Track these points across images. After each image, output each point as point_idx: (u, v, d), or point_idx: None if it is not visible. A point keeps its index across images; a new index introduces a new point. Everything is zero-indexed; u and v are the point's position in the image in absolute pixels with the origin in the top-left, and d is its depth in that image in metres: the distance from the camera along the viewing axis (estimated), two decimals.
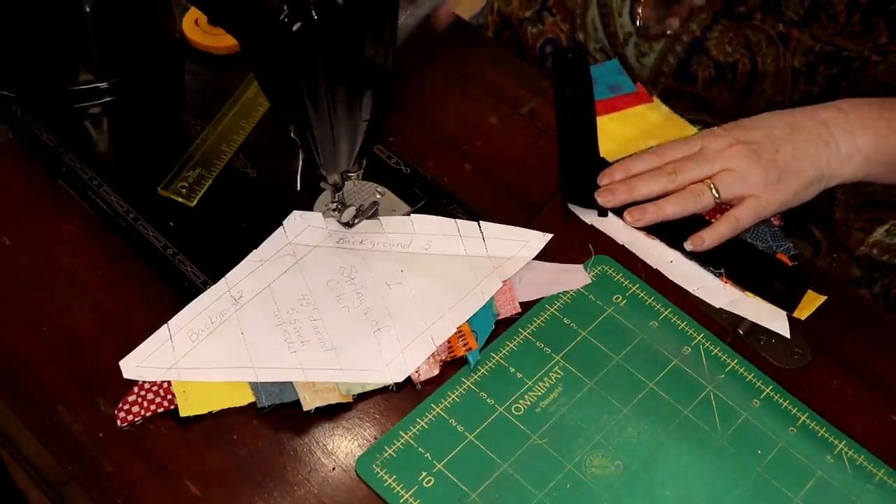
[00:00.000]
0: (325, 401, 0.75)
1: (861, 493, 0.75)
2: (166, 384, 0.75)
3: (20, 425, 0.75)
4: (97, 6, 0.89)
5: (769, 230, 0.88)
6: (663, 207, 0.88)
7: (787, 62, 0.97)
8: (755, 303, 0.84)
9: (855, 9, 0.92)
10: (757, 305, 0.84)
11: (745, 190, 0.87)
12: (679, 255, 0.87)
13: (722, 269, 0.86)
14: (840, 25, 0.93)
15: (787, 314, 0.84)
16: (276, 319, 0.79)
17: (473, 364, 0.79)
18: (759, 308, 0.84)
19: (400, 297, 0.81)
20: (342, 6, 0.68)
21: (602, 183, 0.90)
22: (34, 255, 0.83)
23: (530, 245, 0.85)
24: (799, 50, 0.96)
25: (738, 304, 0.84)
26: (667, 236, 0.88)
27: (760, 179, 0.86)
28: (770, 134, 0.88)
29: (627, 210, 0.89)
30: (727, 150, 0.88)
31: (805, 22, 0.94)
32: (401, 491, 0.72)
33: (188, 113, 0.94)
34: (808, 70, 0.96)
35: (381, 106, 0.76)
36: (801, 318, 0.83)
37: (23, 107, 0.91)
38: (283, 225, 0.84)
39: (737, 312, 0.84)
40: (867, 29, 0.93)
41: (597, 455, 0.75)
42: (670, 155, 0.90)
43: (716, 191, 0.87)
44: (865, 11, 0.92)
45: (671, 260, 0.87)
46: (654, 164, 0.90)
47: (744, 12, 0.96)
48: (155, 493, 0.71)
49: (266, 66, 0.73)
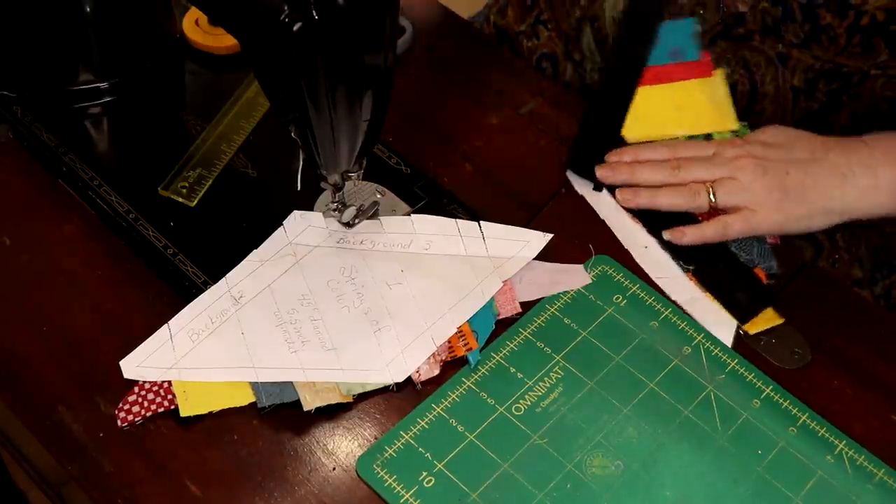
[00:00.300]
0: (326, 401, 0.75)
1: (861, 493, 0.75)
2: (167, 384, 0.75)
3: (20, 425, 0.75)
4: (97, 6, 0.89)
5: (759, 245, 0.87)
6: (657, 196, 0.88)
7: (786, 81, 0.96)
8: (712, 307, 0.84)
9: (855, 31, 0.92)
10: (713, 310, 0.84)
11: (743, 202, 0.86)
12: (655, 243, 0.87)
13: (692, 267, 0.86)
14: (840, 47, 0.93)
15: (736, 325, 0.83)
16: (276, 319, 0.79)
17: (474, 364, 0.79)
18: (713, 313, 0.84)
19: (400, 297, 0.81)
20: (342, 6, 0.68)
21: (609, 160, 0.91)
22: (34, 255, 0.83)
23: (530, 245, 0.85)
24: (798, 69, 0.96)
25: (695, 303, 0.84)
26: (650, 222, 0.88)
27: (762, 196, 0.86)
28: (788, 157, 0.88)
29: (620, 189, 0.89)
30: (737, 161, 0.88)
31: (805, 44, 0.94)
32: (401, 491, 0.72)
33: (188, 113, 0.94)
34: (807, 87, 0.95)
35: (381, 106, 0.76)
36: (749, 331, 0.83)
37: (23, 107, 0.91)
38: (283, 225, 0.84)
39: (689, 311, 0.83)
40: (867, 49, 0.93)
41: (597, 455, 0.75)
42: (682, 152, 0.90)
43: (713, 195, 0.87)
44: (866, 33, 0.92)
45: (646, 245, 0.87)
46: (664, 157, 0.90)
47: (742, 34, 0.96)
48: (155, 494, 0.71)
49: (266, 66, 0.73)
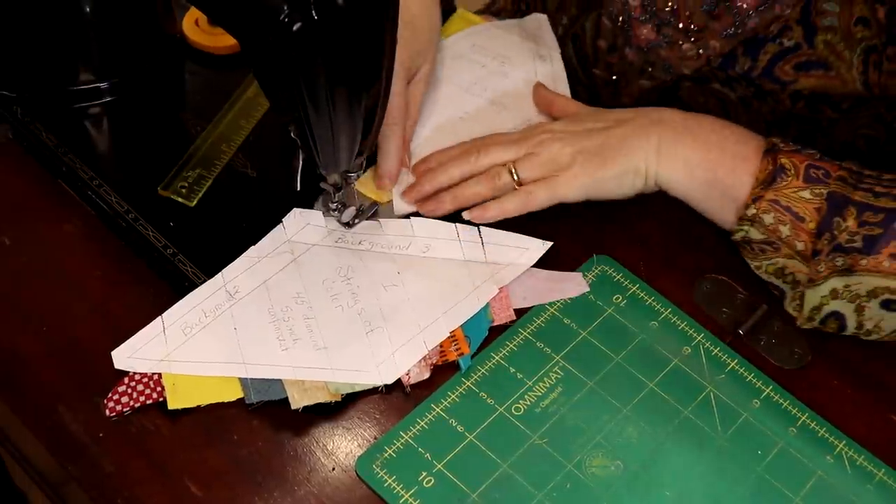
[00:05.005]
0: (314, 399, 0.75)
1: (861, 493, 0.75)
2: (157, 376, 0.75)
3: (20, 425, 0.75)
4: (97, 6, 0.89)
5: None
6: (458, 194, 0.86)
7: (760, 117, 0.96)
8: None
9: (799, 98, 0.93)
10: None
11: (547, 172, 0.85)
12: None
13: None
14: (787, 108, 0.94)
15: None
16: (269, 316, 0.79)
17: (465, 369, 0.78)
18: None
19: (395, 299, 0.81)
20: (342, 6, 0.68)
21: (418, 171, 0.89)
22: (34, 255, 0.83)
23: (529, 252, 0.85)
24: (764, 110, 0.96)
25: None
26: None
27: (564, 161, 0.84)
28: (591, 126, 0.87)
29: (421, 203, 0.87)
30: (538, 137, 0.86)
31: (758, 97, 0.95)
32: (401, 491, 0.72)
33: (188, 113, 0.94)
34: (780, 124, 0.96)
35: (381, 106, 0.76)
36: None
37: (23, 107, 0.91)
38: (282, 222, 0.84)
39: None
40: (815, 111, 0.93)
41: (597, 455, 0.75)
42: (486, 141, 0.89)
43: (515, 174, 0.85)
44: (810, 100, 0.92)
45: None
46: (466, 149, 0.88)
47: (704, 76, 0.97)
48: (155, 494, 0.71)
49: (266, 66, 0.73)
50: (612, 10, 0.99)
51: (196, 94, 0.98)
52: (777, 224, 0.80)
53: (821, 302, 0.80)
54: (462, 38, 1.02)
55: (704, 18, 0.93)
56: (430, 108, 0.95)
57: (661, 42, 0.96)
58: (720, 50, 0.93)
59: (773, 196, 0.80)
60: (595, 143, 0.85)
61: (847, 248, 0.77)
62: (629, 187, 0.86)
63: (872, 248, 0.76)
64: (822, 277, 0.78)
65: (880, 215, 0.77)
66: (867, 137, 0.94)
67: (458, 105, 0.96)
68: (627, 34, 0.99)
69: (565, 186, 0.84)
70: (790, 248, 0.80)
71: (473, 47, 1.01)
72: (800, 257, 0.80)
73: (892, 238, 0.76)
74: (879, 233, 0.76)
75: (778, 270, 0.82)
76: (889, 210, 0.77)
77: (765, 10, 0.89)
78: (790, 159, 0.80)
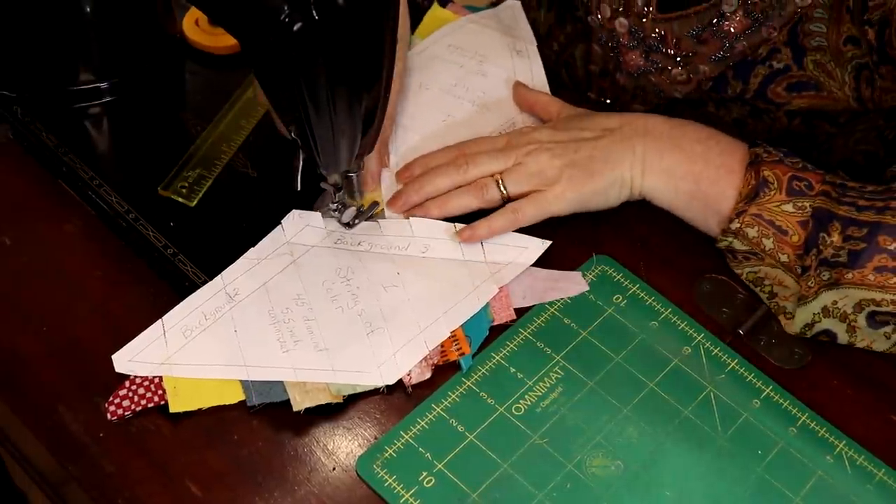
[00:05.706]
0: (315, 401, 0.75)
1: (861, 493, 0.75)
2: (158, 379, 0.75)
3: (20, 425, 0.75)
4: (97, 6, 0.89)
5: None
6: (446, 204, 0.86)
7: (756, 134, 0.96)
8: None
9: (795, 115, 0.93)
10: None
11: (535, 185, 0.85)
12: None
13: None
14: (783, 126, 0.94)
15: None
16: (270, 318, 0.79)
17: (465, 369, 0.79)
18: None
19: (395, 300, 0.81)
20: (342, 6, 0.68)
21: (401, 179, 0.88)
22: (34, 255, 0.83)
23: (528, 251, 0.85)
24: (759, 131, 0.96)
25: None
26: None
27: (551, 175, 0.84)
28: (578, 136, 0.87)
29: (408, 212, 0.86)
30: (525, 147, 0.86)
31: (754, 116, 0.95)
32: (401, 491, 0.72)
33: (188, 113, 0.94)
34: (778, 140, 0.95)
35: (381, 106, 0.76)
36: None
37: (23, 107, 0.91)
38: (281, 223, 0.84)
39: None
40: (811, 127, 0.93)
41: (597, 455, 0.75)
42: (471, 148, 0.88)
43: (503, 186, 0.85)
44: (806, 116, 0.93)
45: None
46: (453, 157, 0.87)
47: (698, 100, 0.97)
48: (155, 494, 0.71)
49: (266, 66, 0.73)
50: (601, 36, 0.99)
51: (196, 94, 0.98)
52: (760, 238, 0.81)
53: (813, 319, 0.80)
54: (438, 39, 1.02)
55: (692, 44, 0.93)
56: (416, 115, 0.95)
57: (650, 68, 0.97)
58: (710, 74, 0.94)
59: (757, 210, 0.81)
60: (582, 155, 0.85)
61: (832, 263, 0.78)
62: (615, 198, 0.87)
63: (857, 263, 0.77)
64: (813, 293, 0.79)
65: (864, 230, 0.78)
66: (866, 153, 0.95)
67: (441, 108, 0.96)
68: (617, 60, 0.99)
69: (554, 202, 0.85)
70: (774, 259, 0.81)
71: (450, 48, 1.01)
72: (783, 268, 0.81)
73: (875, 252, 0.77)
74: (863, 247, 0.77)
75: (758, 279, 0.83)
76: (872, 224, 0.78)
77: (752, 34, 0.90)
78: (773, 171, 0.81)
